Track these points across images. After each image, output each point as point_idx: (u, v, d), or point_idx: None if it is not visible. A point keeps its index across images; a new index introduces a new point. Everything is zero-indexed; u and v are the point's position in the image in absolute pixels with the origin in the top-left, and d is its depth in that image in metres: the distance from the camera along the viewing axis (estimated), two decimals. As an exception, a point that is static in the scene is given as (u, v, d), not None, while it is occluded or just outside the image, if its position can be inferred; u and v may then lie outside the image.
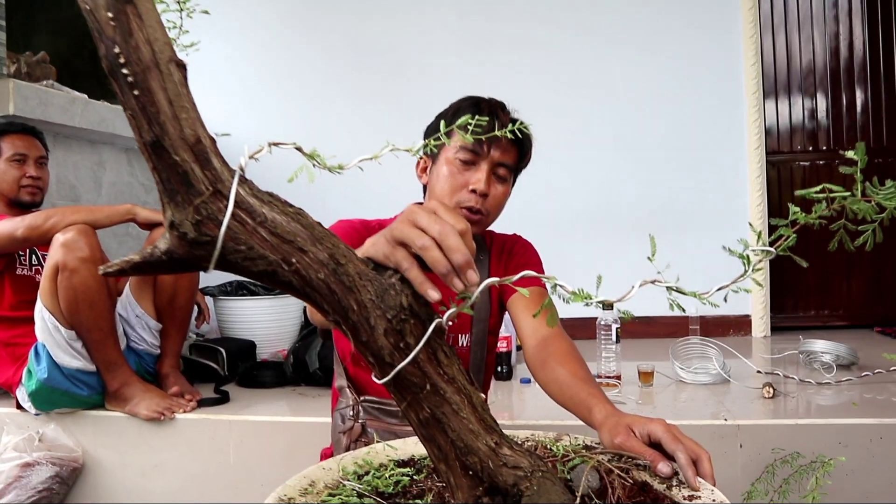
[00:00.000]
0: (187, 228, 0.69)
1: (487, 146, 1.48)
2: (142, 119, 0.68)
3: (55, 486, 2.34)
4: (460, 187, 1.49)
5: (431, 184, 1.56)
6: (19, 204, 2.60)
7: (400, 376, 0.76)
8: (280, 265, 0.73)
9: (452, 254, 0.74)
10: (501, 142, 1.49)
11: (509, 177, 1.55)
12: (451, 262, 0.74)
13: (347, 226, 1.57)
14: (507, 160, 1.51)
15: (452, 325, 1.65)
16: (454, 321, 0.76)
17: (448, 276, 0.74)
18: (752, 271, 0.75)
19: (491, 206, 1.52)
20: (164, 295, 2.58)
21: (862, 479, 1.97)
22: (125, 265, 0.74)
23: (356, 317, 0.75)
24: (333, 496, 0.95)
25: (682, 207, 3.95)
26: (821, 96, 4.10)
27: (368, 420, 1.56)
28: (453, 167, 1.50)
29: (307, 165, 0.87)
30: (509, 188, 1.56)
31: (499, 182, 1.52)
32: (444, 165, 1.52)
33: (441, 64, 4.13)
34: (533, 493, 0.80)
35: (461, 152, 1.49)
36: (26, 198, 2.60)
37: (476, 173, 1.49)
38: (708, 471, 0.94)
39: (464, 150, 1.49)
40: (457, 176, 1.50)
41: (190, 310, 2.69)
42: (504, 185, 1.54)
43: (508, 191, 1.56)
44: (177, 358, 2.69)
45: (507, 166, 1.52)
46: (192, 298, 2.68)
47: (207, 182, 0.70)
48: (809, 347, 2.84)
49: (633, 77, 4.03)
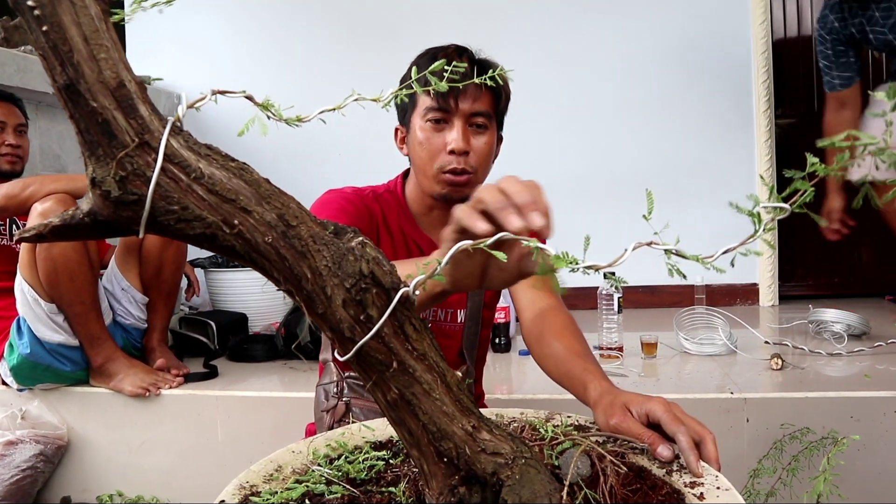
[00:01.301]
0: (110, 186, 0.60)
1: (453, 99, 1.37)
2: (53, 60, 0.59)
3: (39, 464, 2.27)
4: (438, 151, 1.40)
5: (411, 153, 1.47)
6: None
7: (363, 353, 0.67)
8: (220, 227, 0.64)
9: (514, 196, 0.71)
10: (468, 90, 1.37)
11: (489, 124, 1.43)
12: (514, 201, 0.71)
13: (338, 197, 1.47)
14: (480, 108, 1.40)
15: (449, 301, 1.56)
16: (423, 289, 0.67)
17: (502, 211, 0.71)
18: (764, 231, 0.65)
19: (476, 162, 1.41)
20: (150, 267, 2.49)
21: (875, 454, 1.89)
22: (43, 229, 0.65)
23: (310, 286, 0.66)
24: (300, 482, 0.87)
25: (686, 173, 3.84)
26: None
27: (353, 398, 1.47)
28: (426, 131, 1.41)
29: (260, 117, 0.78)
30: (493, 137, 1.45)
31: (478, 133, 1.41)
32: (417, 131, 1.42)
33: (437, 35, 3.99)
34: (514, 482, 0.71)
35: (429, 112, 1.39)
36: (6, 167, 2.52)
37: (450, 132, 1.39)
38: (712, 454, 0.85)
39: (430, 109, 1.39)
40: (432, 139, 1.40)
41: (177, 282, 2.61)
42: (485, 135, 1.42)
43: (492, 140, 1.45)
44: (164, 332, 2.62)
45: (482, 114, 1.40)
46: (180, 270, 2.60)
47: (133, 132, 0.61)
48: (819, 317, 2.74)
49: (635, 40, 3.90)
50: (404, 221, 1.51)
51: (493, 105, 1.43)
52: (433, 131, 1.40)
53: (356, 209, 1.45)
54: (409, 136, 1.46)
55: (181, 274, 2.63)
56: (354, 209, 1.44)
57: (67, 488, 2.41)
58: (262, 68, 4.18)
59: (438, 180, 1.41)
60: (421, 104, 1.41)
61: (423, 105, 1.40)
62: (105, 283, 2.47)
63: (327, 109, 0.79)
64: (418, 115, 1.41)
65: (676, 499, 0.78)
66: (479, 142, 1.41)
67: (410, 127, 1.45)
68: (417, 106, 1.42)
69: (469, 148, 1.39)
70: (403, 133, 1.50)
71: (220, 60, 4.26)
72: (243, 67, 4.22)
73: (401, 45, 3.95)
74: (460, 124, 1.38)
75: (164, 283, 2.54)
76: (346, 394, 1.47)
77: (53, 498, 2.40)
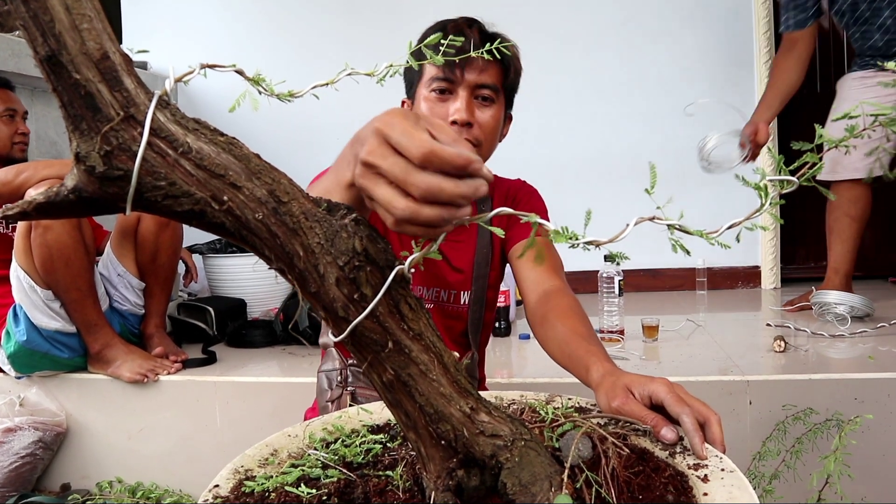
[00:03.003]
0: (95, 161, 0.58)
1: (460, 70, 1.34)
2: (34, 30, 0.56)
3: (38, 451, 2.27)
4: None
5: None
6: (10, 161, 2.49)
7: (357, 333, 0.65)
8: (209, 204, 0.62)
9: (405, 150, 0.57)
10: (476, 61, 1.34)
11: (496, 97, 1.39)
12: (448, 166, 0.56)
13: None
14: (487, 80, 1.36)
15: (455, 282, 1.53)
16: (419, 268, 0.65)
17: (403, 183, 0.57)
18: (770, 205, 0.63)
19: (481, 134, 1.37)
20: (146, 252, 2.47)
21: (879, 435, 1.87)
22: (27, 206, 0.63)
23: (303, 264, 0.64)
24: (296, 466, 0.85)
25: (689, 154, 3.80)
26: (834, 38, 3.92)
27: (358, 388, 1.43)
28: (429, 101, 1.37)
29: (251, 92, 0.76)
30: (499, 111, 1.41)
31: (484, 106, 1.38)
32: (422, 102, 1.38)
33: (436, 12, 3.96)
34: (514, 464, 0.70)
35: (434, 82, 1.36)
36: (19, 154, 2.54)
37: (454, 102, 1.35)
38: (717, 436, 0.83)
39: (436, 79, 1.35)
40: (434, 109, 1.36)
41: (173, 267, 2.59)
42: (492, 108, 1.38)
43: (499, 114, 1.41)
44: (161, 318, 2.59)
45: (489, 86, 1.37)
46: (176, 255, 2.58)
47: (118, 105, 0.58)
48: (822, 299, 2.72)
49: (637, 19, 3.86)
50: None
51: (501, 78, 1.40)
52: (437, 101, 1.36)
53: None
54: (413, 109, 1.42)
55: (177, 259, 2.61)
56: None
57: (67, 475, 2.40)
58: (259, 51, 4.15)
59: None
60: (427, 74, 1.37)
61: (428, 75, 1.37)
62: (101, 269, 2.44)
63: (320, 84, 0.77)
64: (423, 86, 1.38)
65: (680, 481, 0.76)
66: (484, 115, 1.37)
67: (416, 98, 1.41)
68: (423, 76, 1.38)
69: (473, 119, 1.35)
70: (409, 106, 1.47)
71: (216, 44, 4.23)
72: (240, 50, 4.19)
73: (400, 22, 3.94)
74: (465, 95, 1.35)
75: (161, 268, 2.51)
76: (351, 382, 1.44)
77: (53, 485, 2.39)
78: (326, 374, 1.48)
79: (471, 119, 1.35)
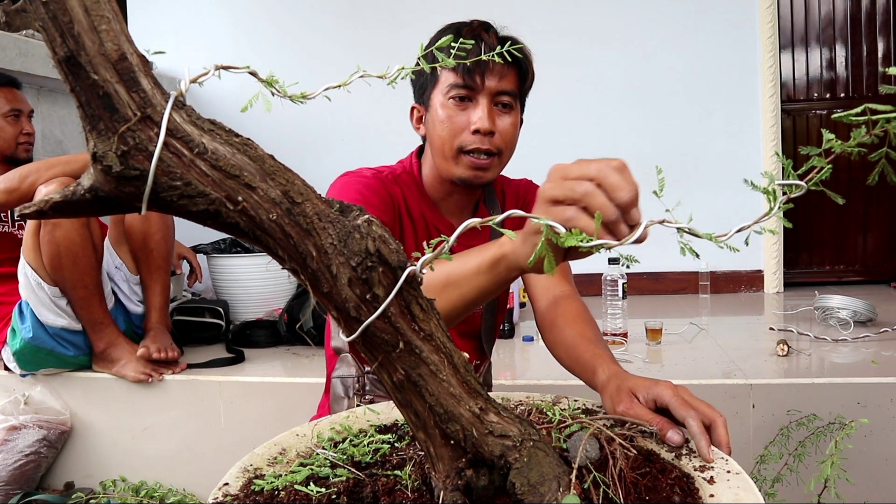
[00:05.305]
0: (112, 160, 0.59)
1: (480, 76, 1.30)
2: (53, 31, 0.57)
3: (43, 449, 2.27)
4: (461, 130, 1.32)
5: (429, 133, 1.39)
6: (14, 161, 2.49)
7: (369, 333, 0.66)
8: (224, 204, 0.62)
9: (617, 192, 0.71)
10: (495, 67, 1.31)
11: (514, 104, 1.36)
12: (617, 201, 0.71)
13: (357, 182, 1.38)
14: (506, 86, 1.33)
15: None
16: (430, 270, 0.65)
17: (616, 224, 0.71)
18: (779, 209, 0.64)
19: (502, 143, 1.34)
20: (136, 239, 2.43)
21: (881, 440, 1.88)
22: (44, 205, 0.63)
23: (316, 264, 0.64)
24: (304, 465, 0.86)
25: (693, 159, 3.82)
26: (840, 45, 3.92)
27: (377, 397, 1.38)
28: (448, 109, 1.33)
29: (264, 93, 0.76)
30: (517, 117, 1.38)
31: (504, 113, 1.34)
32: (438, 109, 1.34)
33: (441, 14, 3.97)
34: (523, 464, 0.70)
35: (452, 89, 1.32)
36: (23, 154, 2.53)
37: (475, 110, 1.31)
38: (723, 438, 0.84)
39: (454, 86, 1.31)
40: (455, 118, 1.32)
41: (165, 255, 2.51)
42: (511, 115, 1.35)
43: (517, 120, 1.38)
44: (161, 312, 2.53)
45: (508, 93, 1.33)
46: (167, 240, 2.51)
47: (135, 106, 0.59)
48: (825, 303, 2.73)
49: (643, 24, 3.87)
50: (424, 206, 1.44)
51: (519, 84, 1.37)
52: (456, 109, 1.32)
53: (379, 198, 1.36)
54: (427, 115, 1.39)
55: (169, 246, 2.54)
56: (377, 198, 1.36)
57: (70, 473, 2.41)
58: (264, 54, 4.15)
59: (459, 162, 1.34)
60: (443, 80, 1.33)
61: (445, 82, 1.33)
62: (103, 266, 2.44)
63: (333, 86, 0.78)
64: (440, 92, 1.34)
65: (686, 482, 0.76)
66: (504, 122, 1.34)
67: (430, 105, 1.37)
68: (439, 82, 1.34)
69: (494, 128, 1.32)
70: (421, 112, 1.43)
71: (222, 47, 4.24)
72: (245, 54, 4.20)
73: (404, 26, 3.95)
74: (486, 102, 1.31)
75: (152, 256, 2.46)
76: (368, 390, 1.40)
77: (57, 483, 2.40)
78: (342, 380, 1.43)
79: (493, 128, 1.31)
